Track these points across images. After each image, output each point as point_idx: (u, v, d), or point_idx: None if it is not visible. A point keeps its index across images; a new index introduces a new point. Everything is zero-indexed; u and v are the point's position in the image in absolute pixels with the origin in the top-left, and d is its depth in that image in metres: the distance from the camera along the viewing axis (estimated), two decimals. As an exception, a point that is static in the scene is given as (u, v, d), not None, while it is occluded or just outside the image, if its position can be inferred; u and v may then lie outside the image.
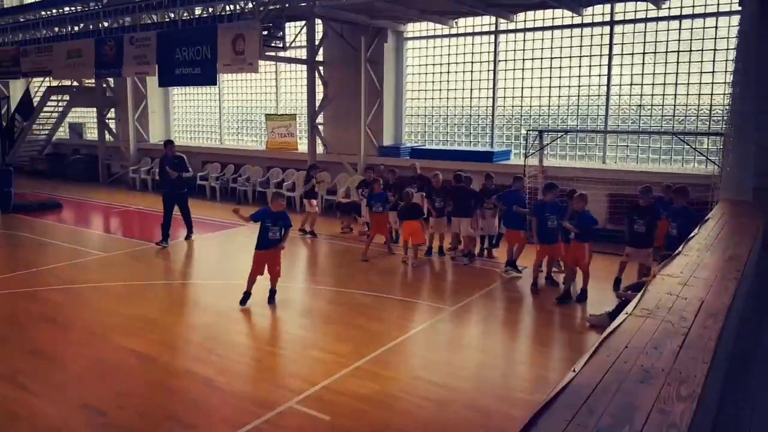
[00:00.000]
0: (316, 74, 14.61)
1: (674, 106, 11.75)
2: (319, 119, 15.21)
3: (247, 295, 7.26)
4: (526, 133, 12.08)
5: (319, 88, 15.17)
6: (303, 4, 13.06)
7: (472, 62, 13.92)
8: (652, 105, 11.98)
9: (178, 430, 4.59)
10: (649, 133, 11.97)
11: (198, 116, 19.22)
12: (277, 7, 12.97)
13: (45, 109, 20.24)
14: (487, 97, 13.82)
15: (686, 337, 3.32)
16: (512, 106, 13.60)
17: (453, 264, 9.72)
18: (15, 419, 4.74)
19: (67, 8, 18.19)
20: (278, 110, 17.02)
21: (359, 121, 14.52)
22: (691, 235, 6.46)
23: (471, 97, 14.08)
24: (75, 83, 19.63)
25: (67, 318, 7.05)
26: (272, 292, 7.45)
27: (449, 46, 14.23)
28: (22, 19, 19.86)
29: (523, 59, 13.21)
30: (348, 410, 4.94)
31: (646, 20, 11.83)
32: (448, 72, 14.31)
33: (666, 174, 10.97)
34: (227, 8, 13.82)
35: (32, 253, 10.27)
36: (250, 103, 17.90)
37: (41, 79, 20.57)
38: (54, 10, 18.75)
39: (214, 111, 18.68)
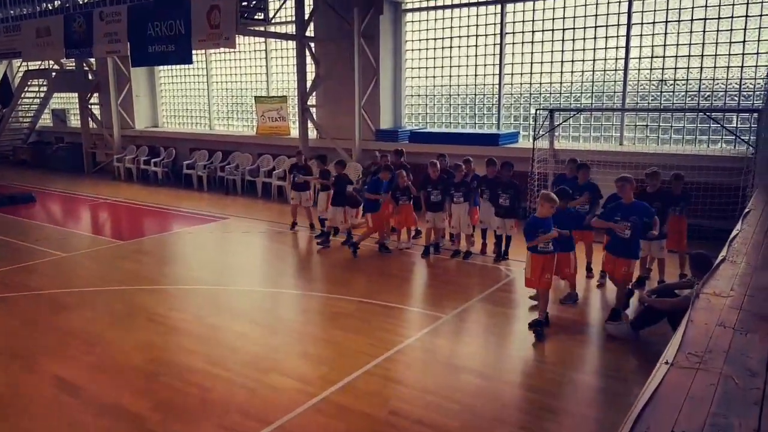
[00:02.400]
0: (307, 52, 13.51)
1: (700, 80, 10.51)
2: (311, 101, 14.13)
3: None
4: (536, 113, 10.91)
5: (311, 68, 14.09)
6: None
7: (477, 35, 12.71)
8: (674, 80, 10.74)
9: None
10: (672, 111, 10.75)
11: (186, 100, 18.17)
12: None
13: (26, 95, 19.30)
14: (494, 75, 12.63)
15: (762, 405, 2.24)
16: (521, 84, 12.41)
17: (452, 262, 8.65)
18: None
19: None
20: (269, 92, 15.92)
21: (354, 103, 13.39)
22: (734, 233, 5.34)
23: (476, 75, 12.89)
24: (55, 66, 18.62)
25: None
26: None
27: (452, 18, 13.00)
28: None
29: (533, 31, 11.99)
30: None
31: (669, -16, 10.55)
32: (451, 47, 13.10)
33: (691, 156, 9.80)
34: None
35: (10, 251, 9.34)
36: (240, 86, 16.81)
37: (18, 62, 19.61)
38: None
39: (203, 95, 17.61)
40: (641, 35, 10.93)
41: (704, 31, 10.29)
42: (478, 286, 7.55)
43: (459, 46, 12.99)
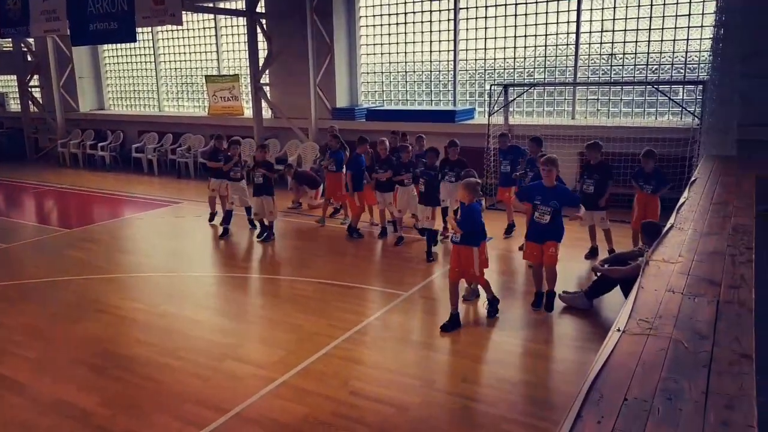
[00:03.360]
0: (258, 28, 13.11)
1: (648, 54, 10.70)
2: (264, 80, 13.76)
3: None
4: (490, 89, 10.92)
5: (263, 45, 13.69)
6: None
7: (431, 11, 12.59)
8: (624, 54, 10.91)
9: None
10: (622, 84, 10.94)
11: (133, 81, 17.45)
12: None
13: (-40, 78, 18.20)
14: (449, 51, 12.57)
15: (710, 368, 2.27)
16: (475, 60, 12.39)
17: (413, 242, 8.62)
18: None
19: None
20: (220, 71, 15.43)
21: (309, 81, 13.11)
22: (681, 201, 5.46)
23: (431, 51, 12.79)
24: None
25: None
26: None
27: (405, -7, 12.82)
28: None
29: (486, 6, 11.95)
30: (262, 449, 3.85)
31: (617, -43, 10.65)
32: (405, 23, 12.95)
33: (640, 128, 9.99)
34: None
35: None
36: (189, 65, 16.23)
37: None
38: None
39: (151, 75, 16.94)
40: (591, 9, 11.02)
41: (652, 5, 10.44)
42: (437, 264, 7.55)
43: (413, 22, 12.84)
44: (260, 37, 13.33)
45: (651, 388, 2.08)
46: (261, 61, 13.48)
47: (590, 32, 11.12)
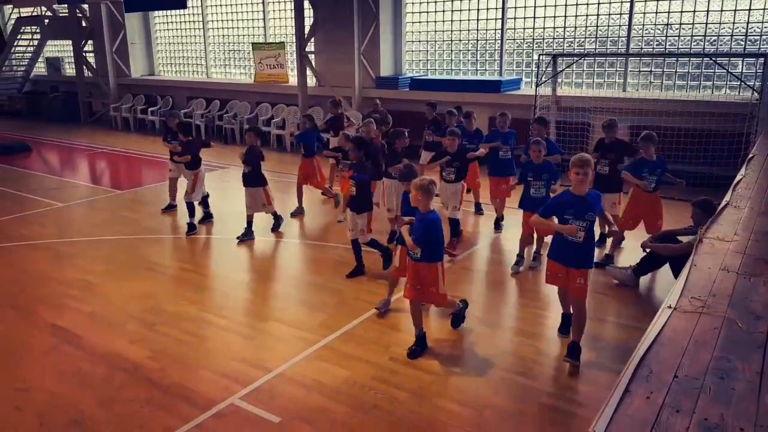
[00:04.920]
0: (304, -5, 13.05)
1: (706, 24, 10.17)
2: (309, 48, 13.74)
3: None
4: (539, 59, 10.60)
5: (309, 12, 13.63)
6: None
7: (479, -22, 12.24)
8: (680, 24, 10.38)
9: (84, 441, 3.64)
10: (677, 56, 10.46)
11: (182, 47, 17.69)
12: None
13: (19, 43, 18.80)
14: (496, 19, 12.24)
15: (766, 349, 2.21)
16: (524, 29, 12.03)
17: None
18: None
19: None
20: (266, 39, 15.47)
21: (353, 50, 13.02)
22: (737, 178, 5.24)
23: (478, 20, 12.47)
24: (47, 13, 18.06)
25: (-4, 284, 6.07)
26: None
27: (454, -41, 12.49)
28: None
29: (536, -28, 11.53)
30: (305, 409, 3.96)
31: None
32: (452, -10, 12.65)
33: (695, 102, 9.57)
34: None
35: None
36: (237, 32, 16.33)
37: (9, 8, 18.99)
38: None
39: (199, 41, 17.14)
40: (649, -24, 10.52)
41: (714, -28, 9.89)
42: (481, 235, 7.49)
43: (462, -11, 12.54)
44: (306, 4, 13.26)
45: (702, 367, 2.03)
46: (306, 29, 13.44)
47: (645, 1, 10.62)
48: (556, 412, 3.97)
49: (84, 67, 17.67)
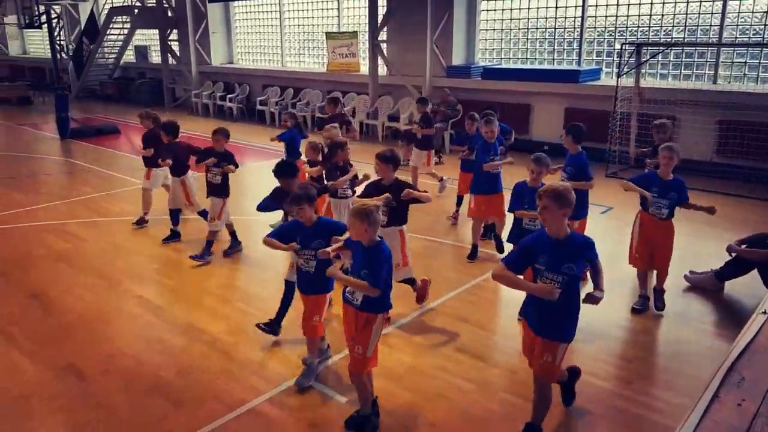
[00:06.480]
0: (378, -17, 13.10)
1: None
2: (382, 36, 13.79)
3: None
4: (621, 48, 10.14)
5: (383, 1, 13.66)
6: None
7: (559, -37, 11.84)
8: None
9: (160, 409, 3.84)
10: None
11: (260, 36, 18.21)
12: None
13: (110, 31, 19.95)
14: (576, 6, 11.80)
15: None
16: (605, 16, 11.53)
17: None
18: (-10, 378, 4.21)
19: None
20: (340, 28, 15.65)
21: (425, 38, 12.95)
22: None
23: (557, 7, 12.07)
24: (137, 3, 19.05)
25: (82, 257, 6.50)
26: None
27: (532, -56, 12.14)
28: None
29: (622, -43, 11.02)
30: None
31: None
32: (530, -23, 12.30)
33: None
34: None
35: (76, 181, 9.96)
36: (311, 21, 16.62)
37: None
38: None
39: (276, 31, 17.57)
40: (747, -41, 9.81)
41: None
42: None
43: (540, -25, 12.17)
44: (379, -9, 13.29)
45: (800, 376, 1.90)
46: (379, 18, 13.48)
47: (743, -14, 9.92)
48: (628, 415, 3.83)
49: (169, 55, 18.53)
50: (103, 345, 4.64)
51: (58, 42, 19.52)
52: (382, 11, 13.58)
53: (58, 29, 19.31)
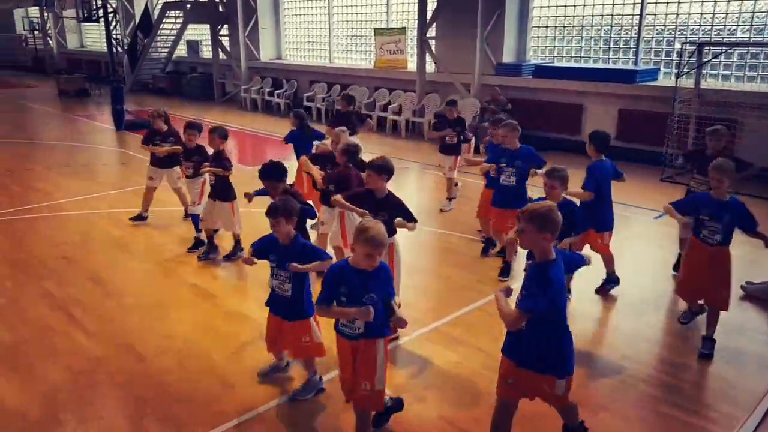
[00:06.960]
0: (429, -20, 13.01)
1: None
2: (431, 32, 13.69)
3: None
4: (681, 47, 9.77)
5: (433, -3, 13.57)
6: None
7: (617, -41, 11.50)
8: None
9: (212, 388, 3.97)
10: None
11: (308, 32, 18.39)
12: None
13: (163, 26, 20.52)
14: (634, 4, 11.43)
15: None
16: (665, 14, 11.13)
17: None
18: (52, 354, 4.40)
19: None
20: (388, 24, 15.65)
21: (475, 35, 12.79)
22: None
23: (614, 4, 11.73)
24: (190, -2, 19.53)
25: (140, 245, 6.74)
26: None
27: (589, -61, 11.83)
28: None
29: (684, -49, 10.60)
30: (415, 386, 4.01)
31: None
32: (586, -27, 11.99)
33: None
34: None
35: (132, 172, 10.28)
36: (360, 17, 16.67)
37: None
38: None
39: (324, 27, 17.71)
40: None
41: None
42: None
43: (596, -28, 11.85)
44: (430, -13, 13.20)
45: None
46: (429, 15, 13.40)
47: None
48: (676, 421, 3.69)
49: (219, 50, 18.93)
50: (159, 328, 4.80)
51: (114, 36, 20.17)
52: (431, 7, 13.49)
53: (114, 23, 19.92)
